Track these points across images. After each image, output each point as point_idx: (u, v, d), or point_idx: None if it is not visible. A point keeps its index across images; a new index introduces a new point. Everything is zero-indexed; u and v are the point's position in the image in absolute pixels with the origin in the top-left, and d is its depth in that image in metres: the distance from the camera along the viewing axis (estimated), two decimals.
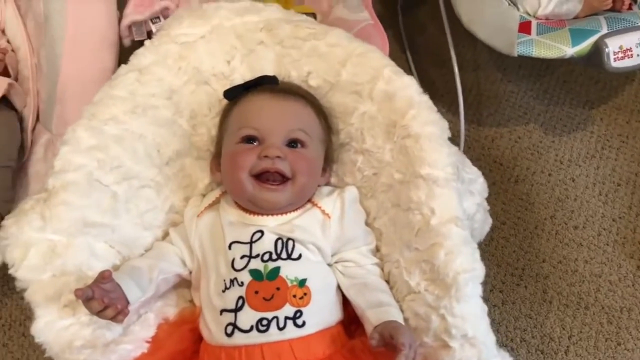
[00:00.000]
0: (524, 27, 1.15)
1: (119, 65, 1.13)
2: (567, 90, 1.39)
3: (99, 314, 0.71)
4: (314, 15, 1.18)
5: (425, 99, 0.82)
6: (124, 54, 1.15)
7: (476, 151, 1.30)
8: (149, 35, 1.18)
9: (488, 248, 1.17)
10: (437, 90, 1.41)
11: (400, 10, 1.57)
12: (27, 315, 1.16)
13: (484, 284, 0.74)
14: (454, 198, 0.76)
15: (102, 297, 0.70)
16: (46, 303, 0.73)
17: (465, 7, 1.16)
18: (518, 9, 1.20)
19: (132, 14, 1.15)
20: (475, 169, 0.86)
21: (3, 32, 1.19)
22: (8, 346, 1.14)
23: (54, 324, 0.73)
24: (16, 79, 1.17)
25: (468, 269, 0.73)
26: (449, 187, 0.76)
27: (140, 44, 1.17)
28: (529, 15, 1.21)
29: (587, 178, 1.25)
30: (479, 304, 0.73)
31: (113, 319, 0.72)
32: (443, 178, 0.76)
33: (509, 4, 1.19)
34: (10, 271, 0.75)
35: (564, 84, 1.41)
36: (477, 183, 0.84)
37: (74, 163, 0.79)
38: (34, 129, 1.15)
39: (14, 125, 1.12)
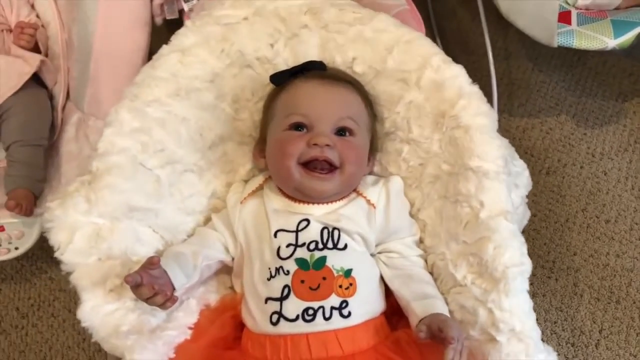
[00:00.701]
0: (564, 17, 1.13)
1: (150, 44, 1.13)
2: (599, 82, 1.37)
3: (148, 300, 0.71)
4: None
5: (475, 89, 0.81)
6: (154, 34, 1.14)
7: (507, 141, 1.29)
8: (181, 14, 1.16)
9: None
10: None
11: None
12: (55, 295, 1.17)
13: None
14: (503, 191, 0.75)
15: (152, 284, 0.70)
16: (92, 287, 0.73)
17: None
18: None
19: None
20: (521, 161, 0.85)
21: (33, 6, 1.17)
22: (37, 326, 1.14)
23: (100, 308, 0.73)
24: (46, 55, 1.15)
25: (517, 263, 0.72)
26: (499, 180, 0.75)
27: (171, 22, 1.16)
28: (569, 4, 1.18)
29: (619, 172, 1.23)
30: (527, 298, 0.73)
31: (161, 305, 0.71)
32: (493, 171, 0.75)
33: None
34: (56, 254, 0.75)
35: (597, 76, 1.38)
36: (523, 176, 0.83)
37: (117, 145, 0.78)
38: (64, 107, 1.14)
39: (45, 104, 1.11)
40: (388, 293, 0.80)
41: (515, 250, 0.73)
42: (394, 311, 0.79)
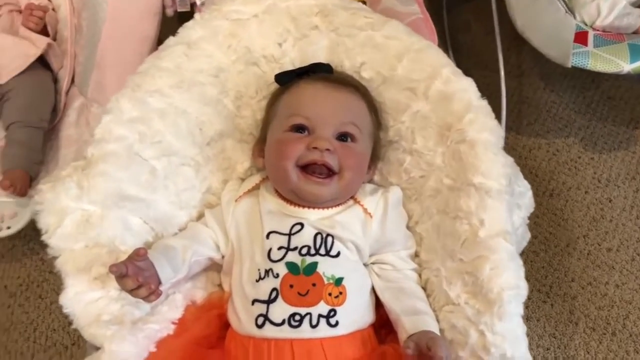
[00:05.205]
0: (580, 38, 1.11)
1: (160, 35, 1.12)
2: (611, 107, 1.35)
3: (132, 292, 0.69)
4: (363, 3, 1.14)
5: (484, 104, 0.79)
6: (165, 25, 1.13)
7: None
8: (192, 7, 1.16)
9: None
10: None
11: (446, 6, 1.53)
12: (44, 277, 1.16)
13: None
14: (504, 211, 0.73)
15: (137, 276, 0.68)
16: (77, 273, 0.72)
17: (521, 11, 1.13)
18: (575, 18, 1.15)
19: None
20: (525, 182, 0.83)
21: None
22: (24, 306, 1.14)
23: (83, 295, 0.71)
24: (54, 39, 1.15)
25: (513, 286, 0.70)
26: (500, 200, 0.73)
27: (182, 15, 1.15)
28: (586, 25, 1.16)
29: (625, 200, 1.21)
30: (521, 323, 0.70)
31: (145, 298, 0.70)
32: (496, 189, 0.73)
33: (566, 12, 1.15)
34: (44, 237, 0.73)
35: (609, 100, 1.36)
36: (525, 197, 0.81)
37: (115, 133, 0.77)
38: (68, 91, 1.14)
39: (49, 86, 1.11)
40: (378, 304, 0.78)
41: (512, 273, 0.71)
42: (382, 323, 0.78)
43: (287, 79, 0.82)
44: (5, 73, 1.06)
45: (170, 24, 1.11)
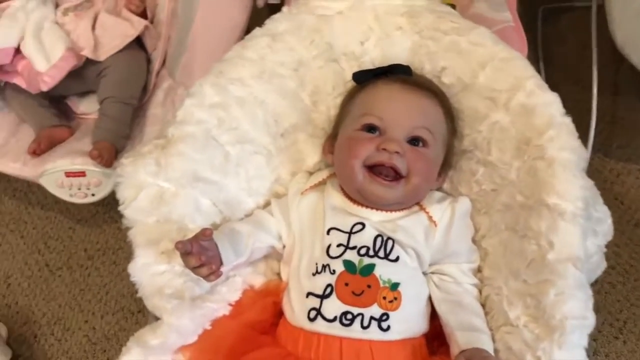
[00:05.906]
0: None
1: (249, 26, 1.15)
2: None
3: (194, 269, 0.72)
4: (453, 7, 1.12)
5: (567, 121, 0.75)
6: (255, 15, 1.16)
7: (597, 184, 1.18)
8: None
9: None
10: (567, 108, 1.30)
11: (541, 15, 1.46)
12: (120, 245, 1.24)
13: None
14: (578, 236, 0.69)
15: (200, 255, 0.71)
16: (146, 246, 0.76)
17: (623, 25, 1.05)
18: None
19: None
20: (605, 208, 0.78)
21: None
22: (99, 270, 1.22)
23: (150, 267, 0.75)
24: (152, 22, 1.21)
25: (578, 315, 0.66)
26: (574, 223, 0.69)
27: (273, 7, 1.18)
28: None
29: None
30: (583, 356, 0.66)
31: (205, 277, 0.72)
32: (571, 212, 0.69)
33: None
34: (120, 208, 0.78)
35: None
36: (604, 224, 0.77)
37: (195, 117, 0.80)
38: (158, 72, 1.20)
39: (143, 66, 1.17)
40: (434, 315, 0.77)
41: (578, 302, 0.67)
42: (436, 334, 0.76)
43: (364, 78, 0.82)
44: (104, 51, 1.13)
45: (260, 15, 1.14)
